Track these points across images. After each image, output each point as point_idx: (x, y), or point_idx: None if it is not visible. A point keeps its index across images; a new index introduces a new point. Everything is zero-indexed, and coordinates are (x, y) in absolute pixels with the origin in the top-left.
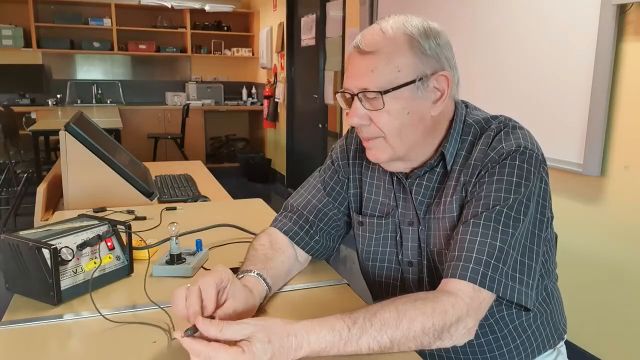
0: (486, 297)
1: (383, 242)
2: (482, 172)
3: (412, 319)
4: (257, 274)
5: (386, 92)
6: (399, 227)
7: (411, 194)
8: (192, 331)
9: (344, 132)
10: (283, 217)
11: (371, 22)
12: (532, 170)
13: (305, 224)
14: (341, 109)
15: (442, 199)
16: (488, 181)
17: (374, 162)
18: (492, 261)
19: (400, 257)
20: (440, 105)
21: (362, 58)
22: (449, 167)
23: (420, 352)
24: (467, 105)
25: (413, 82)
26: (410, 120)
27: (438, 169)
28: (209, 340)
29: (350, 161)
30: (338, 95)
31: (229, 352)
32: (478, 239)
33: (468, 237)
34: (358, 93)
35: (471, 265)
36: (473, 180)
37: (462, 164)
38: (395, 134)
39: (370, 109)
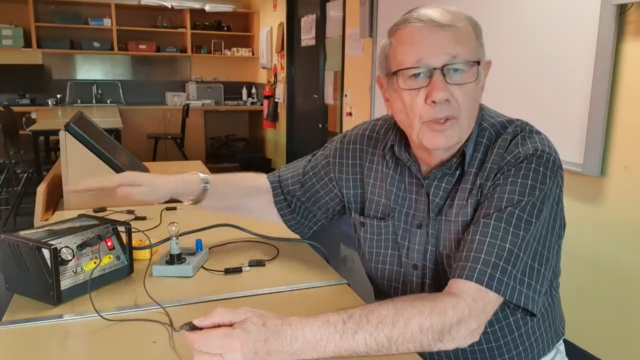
0: (492, 299)
1: (385, 244)
2: (499, 175)
3: (409, 318)
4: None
5: (479, 63)
6: (407, 229)
7: (428, 196)
8: (189, 327)
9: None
10: (275, 174)
11: (371, 22)
12: (549, 174)
13: (283, 189)
14: (341, 109)
15: (456, 202)
16: (502, 183)
17: (378, 159)
18: (501, 263)
19: (403, 259)
20: (483, 93)
21: (442, 31)
22: (465, 169)
23: (422, 355)
24: (482, 107)
25: (478, 62)
26: (477, 101)
27: (457, 170)
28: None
29: (350, 161)
30: (403, 76)
31: (219, 331)
32: (487, 239)
33: (477, 237)
34: (443, 67)
35: (479, 266)
36: (489, 183)
37: (477, 167)
38: (469, 112)
39: (453, 83)
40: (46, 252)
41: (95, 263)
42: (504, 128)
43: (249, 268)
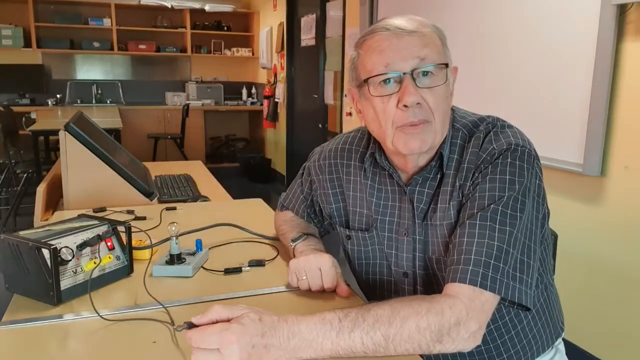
0: (489, 299)
1: (372, 255)
2: (476, 174)
3: (405, 317)
4: (311, 234)
5: (447, 65)
6: (393, 238)
7: (412, 203)
8: (188, 325)
9: (344, 132)
10: (285, 211)
11: (371, 22)
12: (526, 167)
13: (310, 221)
14: (341, 109)
15: (439, 205)
16: (482, 181)
17: (356, 170)
18: (492, 261)
19: (393, 267)
20: (452, 98)
21: (409, 37)
22: (444, 171)
23: (421, 355)
24: (453, 109)
25: (448, 66)
26: (449, 104)
27: (437, 174)
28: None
29: (328, 176)
30: (373, 83)
31: (216, 326)
32: (475, 240)
33: (465, 239)
34: (412, 71)
35: (470, 268)
36: (468, 183)
37: (455, 168)
38: (442, 116)
39: (423, 87)
40: (46, 252)
41: (95, 263)
42: (476, 126)
43: (248, 268)
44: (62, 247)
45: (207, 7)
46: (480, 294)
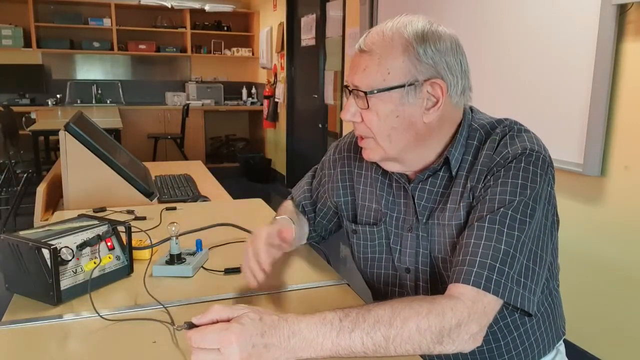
0: (491, 301)
1: (379, 249)
2: (489, 177)
3: (406, 318)
4: (289, 218)
5: (370, 92)
6: (399, 233)
7: (413, 199)
8: (188, 325)
9: (344, 132)
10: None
11: (371, 22)
12: (539, 173)
13: (304, 213)
14: (341, 108)
15: (448, 205)
16: (493, 185)
17: (367, 164)
18: (498, 265)
19: (396, 263)
20: (433, 113)
21: (360, 56)
22: (454, 172)
23: (422, 355)
24: (472, 109)
25: (402, 86)
26: (400, 124)
27: (442, 174)
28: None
29: (339, 169)
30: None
31: (216, 326)
32: (482, 242)
33: (472, 240)
34: (352, 90)
35: (475, 269)
36: (480, 185)
37: (468, 170)
38: (384, 136)
39: (361, 108)
40: (46, 252)
41: (95, 263)
42: (493, 128)
43: None
44: (62, 247)
45: (207, 7)
46: (483, 296)
